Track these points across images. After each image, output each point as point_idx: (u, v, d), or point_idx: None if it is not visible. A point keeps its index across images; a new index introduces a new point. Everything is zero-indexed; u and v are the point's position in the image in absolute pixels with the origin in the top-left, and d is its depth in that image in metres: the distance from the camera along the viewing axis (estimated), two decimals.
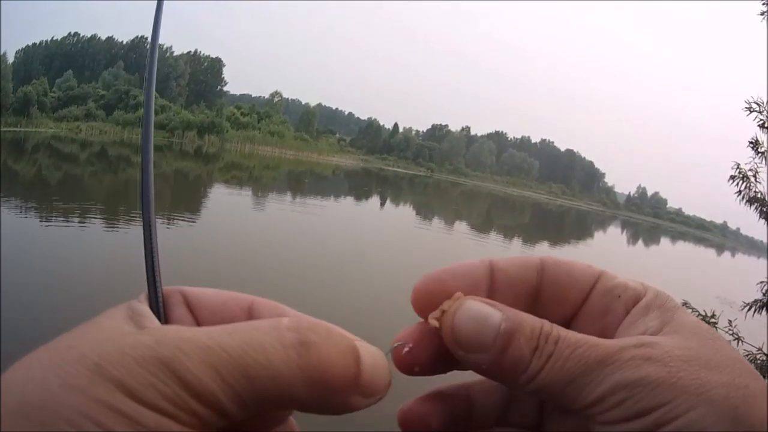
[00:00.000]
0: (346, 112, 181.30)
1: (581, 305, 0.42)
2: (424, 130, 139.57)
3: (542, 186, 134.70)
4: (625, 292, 0.43)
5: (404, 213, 37.44)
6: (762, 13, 6.00)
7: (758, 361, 5.23)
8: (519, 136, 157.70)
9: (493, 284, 0.41)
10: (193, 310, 0.41)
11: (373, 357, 0.35)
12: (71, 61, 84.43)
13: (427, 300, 0.40)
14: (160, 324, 0.37)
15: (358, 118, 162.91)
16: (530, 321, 0.37)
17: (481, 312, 0.38)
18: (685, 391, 0.32)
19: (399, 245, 20.43)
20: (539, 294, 0.42)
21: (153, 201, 0.39)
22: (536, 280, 0.42)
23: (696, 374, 0.33)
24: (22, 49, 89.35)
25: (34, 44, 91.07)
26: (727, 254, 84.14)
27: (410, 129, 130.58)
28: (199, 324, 0.40)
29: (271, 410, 0.36)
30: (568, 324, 0.41)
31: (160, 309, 0.37)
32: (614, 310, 0.42)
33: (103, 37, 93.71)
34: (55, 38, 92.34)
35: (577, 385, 0.35)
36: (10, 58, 69.62)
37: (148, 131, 0.39)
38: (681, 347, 0.35)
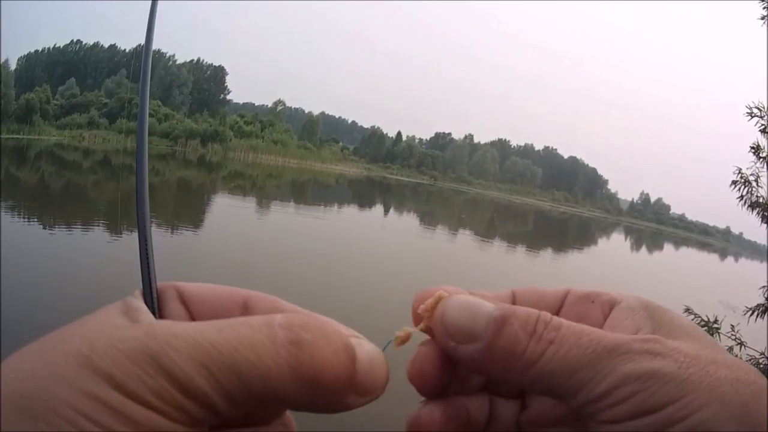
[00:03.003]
0: (349, 121, 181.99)
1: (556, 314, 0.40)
2: (428, 139, 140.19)
3: (545, 193, 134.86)
4: (599, 297, 0.43)
5: (408, 221, 37.41)
6: (762, 17, 6.00)
7: (761, 365, 5.21)
8: (522, 144, 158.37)
9: None
10: (188, 305, 0.40)
11: (370, 355, 0.34)
12: (74, 69, 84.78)
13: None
14: (154, 319, 0.37)
15: (361, 126, 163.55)
16: (526, 309, 0.36)
17: (472, 302, 0.37)
18: (696, 387, 0.31)
19: (403, 252, 20.42)
20: None
21: (147, 197, 0.38)
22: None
23: (705, 370, 0.32)
24: (24, 56, 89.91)
25: (37, 51, 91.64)
26: (730, 259, 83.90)
27: (413, 137, 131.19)
28: (193, 319, 0.40)
29: (263, 408, 0.35)
30: None
31: (155, 304, 0.37)
32: (591, 314, 0.42)
33: (106, 45, 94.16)
34: (57, 46, 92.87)
35: (582, 375, 0.33)
36: (12, 65, 69.94)
37: (142, 126, 0.38)
38: (686, 344, 0.34)
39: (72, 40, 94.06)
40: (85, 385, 0.28)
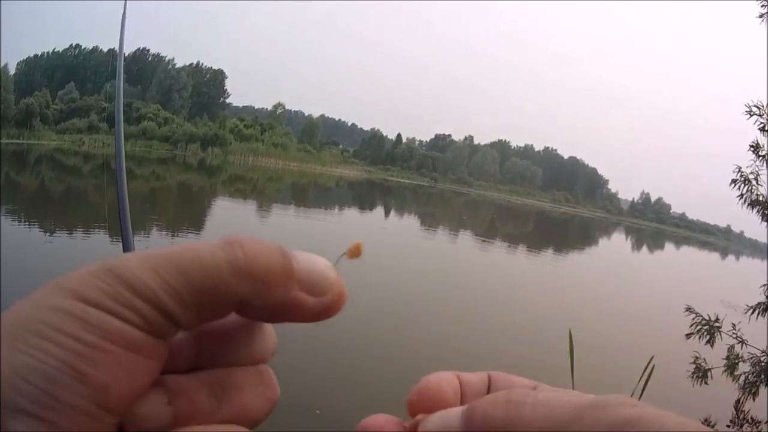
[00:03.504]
0: (349, 123, 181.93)
1: None
2: (428, 140, 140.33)
3: (546, 194, 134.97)
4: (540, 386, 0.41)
5: (409, 223, 37.43)
6: (761, 15, 6.00)
7: (762, 363, 5.22)
8: (522, 145, 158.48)
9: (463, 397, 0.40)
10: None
11: (308, 255, 0.36)
12: (73, 73, 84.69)
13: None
14: None
15: (361, 129, 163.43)
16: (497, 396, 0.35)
17: (442, 414, 0.37)
18: (663, 425, 0.30)
19: (404, 252, 20.44)
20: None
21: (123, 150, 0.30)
22: (486, 390, 0.42)
23: (654, 411, 0.31)
24: (23, 60, 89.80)
25: (36, 56, 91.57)
26: (731, 257, 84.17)
27: (413, 139, 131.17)
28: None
29: (214, 311, 0.35)
30: None
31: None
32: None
33: (105, 49, 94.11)
34: (56, 50, 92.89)
35: (572, 427, 0.32)
36: (12, 70, 70.00)
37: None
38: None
39: (71, 44, 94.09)
40: (54, 301, 0.31)
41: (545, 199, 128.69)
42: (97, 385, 0.30)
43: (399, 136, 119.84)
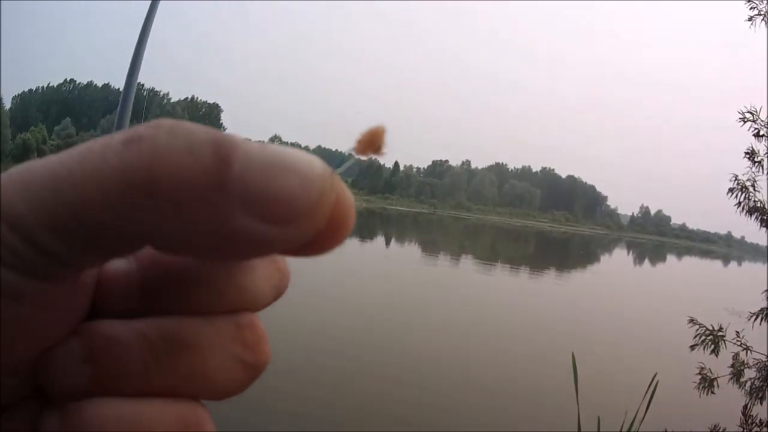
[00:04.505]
0: (346, 153, 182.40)
1: None
2: (425, 167, 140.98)
3: (545, 215, 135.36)
4: None
5: (410, 250, 37.43)
6: (750, 18, 6.03)
7: None
8: (519, 166, 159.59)
9: None
10: None
11: (276, 153, 0.23)
12: (69, 108, 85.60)
13: None
14: None
15: (358, 158, 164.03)
16: None
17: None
18: None
19: (405, 280, 20.42)
20: None
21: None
22: None
23: None
24: (18, 95, 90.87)
25: (31, 90, 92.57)
26: (733, 264, 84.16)
27: (411, 167, 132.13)
28: None
29: (110, 246, 0.23)
30: None
31: None
32: None
33: (100, 84, 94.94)
34: (51, 84, 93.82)
35: None
36: (7, 104, 70.56)
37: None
38: None
39: (65, 79, 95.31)
40: None
41: (545, 220, 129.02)
42: None
43: (396, 164, 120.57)
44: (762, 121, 5.83)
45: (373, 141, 0.29)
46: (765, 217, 6.17)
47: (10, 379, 0.24)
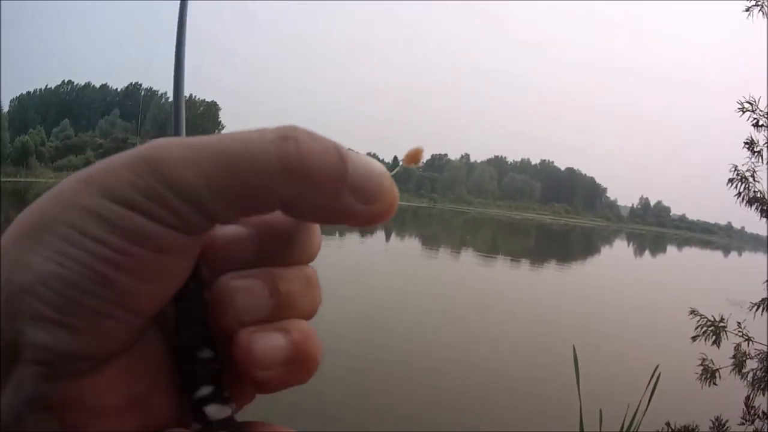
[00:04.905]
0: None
1: None
2: (424, 161, 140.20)
3: (545, 207, 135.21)
4: None
5: (411, 244, 37.41)
6: (747, 9, 6.00)
7: None
8: (519, 159, 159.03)
9: None
10: None
11: (366, 160, 0.34)
12: (67, 110, 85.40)
13: None
14: None
15: (357, 153, 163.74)
16: None
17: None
18: None
19: (408, 273, 20.41)
20: None
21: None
22: None
23: None
24: (16, 97, 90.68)
25: (29, 93, 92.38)
26: (734, 254, 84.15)
27: None
28: None
29: (257, 208, 0.32)
30: None
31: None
32: None
33: (98, 85, 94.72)
34: (49, 86, 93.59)
35: None
36: (5, 107, 70.38)
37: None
38: None
39: (63, 81, 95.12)
40: (81, 200, 0.28)
41: (545, 212, 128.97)
42: (121, 289, 0.28)
43: (395, 158, 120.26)
44: (761, 111, 5.79)
45: (415, 156, 0.41)
46: (765, 207, 6.15)
47: (140, 321, 0.30)
